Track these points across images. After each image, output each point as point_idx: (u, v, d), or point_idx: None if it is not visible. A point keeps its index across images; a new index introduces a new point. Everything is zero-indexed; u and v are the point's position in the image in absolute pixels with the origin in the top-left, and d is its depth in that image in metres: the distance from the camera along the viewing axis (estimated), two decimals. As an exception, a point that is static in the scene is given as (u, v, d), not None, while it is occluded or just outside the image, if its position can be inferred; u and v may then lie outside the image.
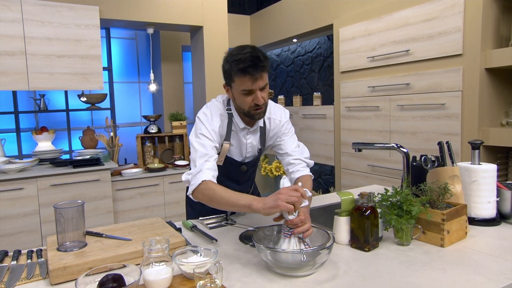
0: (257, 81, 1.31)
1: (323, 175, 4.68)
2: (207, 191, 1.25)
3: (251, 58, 1.28)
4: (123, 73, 4.43)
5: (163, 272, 0.96)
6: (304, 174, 1.48)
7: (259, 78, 1.31)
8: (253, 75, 1.29)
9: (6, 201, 2.79)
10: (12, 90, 2.99)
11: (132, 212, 3.35)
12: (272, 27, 4.64)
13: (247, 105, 1.37)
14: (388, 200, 1.25)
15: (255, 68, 1.28)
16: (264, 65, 1.30)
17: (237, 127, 1.48)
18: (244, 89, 1.33)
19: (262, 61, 1.29)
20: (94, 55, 3.20)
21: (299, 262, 1.02)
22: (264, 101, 1.37)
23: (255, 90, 1.33)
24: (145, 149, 3.73)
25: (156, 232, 1.31)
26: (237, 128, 1.49)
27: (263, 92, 1.36)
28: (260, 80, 1.31)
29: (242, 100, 1.37)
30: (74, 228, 1.16)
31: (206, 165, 1.31)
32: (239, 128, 1.48)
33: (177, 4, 3.58)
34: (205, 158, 1.33)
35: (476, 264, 1.08)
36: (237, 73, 1.31)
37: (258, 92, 1.33)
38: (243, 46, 1.34)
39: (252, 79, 1.30)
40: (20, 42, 2.93)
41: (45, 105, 3.62)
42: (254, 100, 1.35)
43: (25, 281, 1.05)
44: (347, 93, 3.45)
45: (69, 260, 1.07)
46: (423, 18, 2.71)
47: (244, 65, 1.28)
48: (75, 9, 3.10)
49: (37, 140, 3.46)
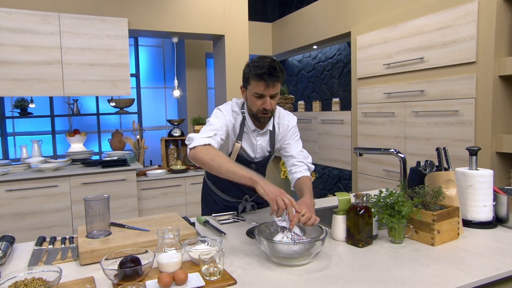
0: (269, 88, 1.47)
1: (343, 180, 4.74)
2: (212, 152, 1.35)
3: (269, 67, 1.44)
4: (150, 79, 4.68)
5: (174, 256, 1.11)
6: (305, 175, 1.62)
7: (271, 86, 1.47)
8: (266, 82, 1.45)
9: (43, 197, 3.06)
10: (49, 96, 3.27)
11: (155, 210, 3.56)
12: (293, 34, 4.77)
13: (256, 108, 1.53)
14: (382, 201, 1.34)
15: (269, 76, 1.44)
16: (279, 76, 1.46)
17: (248, 129, 1.64)
18: (257, 92, 1.49)
19: (278, 72, 1.45)
20: (122, 64, 3.45)
21: (293, 252, 1.14)
22: (272, 108, 1.53)
23: (266, 96, 1.49)
24: (169, 151, 3.94)
25: (172, 225, 1.46)
26: (249, 130, 1.64)
27: (273, 100, 1.52)
28: (272, 88, 1.47)
29: (252, 102, 1.53)
30: (100, 218, 1.33)
31: (215, 137, 1.44)
32: (250, 130, 1.64)
33: (200, 14, 3.78)
34: (215, 132, 1.47)
35: (460, 261, 1.16)
36: (254, 77, 1.47)
37: (268, 99, 1.50)
38: (265, 56, 1.51)
39: (265, 85, 1.46)
40: (57, 53, 3.21)
41: (78, 110, 3.90)
42: (263, 104, 1.51)
43: (60, 261, 1.23)
44: (363, 99, 3.52)
45: (96, 245, 1.24)
46: (437, 26, 2.76)
47: (261, 72, 1.44)
48: (106, 21, 3.35)
49: (70, 142, 3.74)
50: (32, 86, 3.15)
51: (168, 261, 1.09)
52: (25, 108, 3.67)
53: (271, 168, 5.38)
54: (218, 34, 3.91)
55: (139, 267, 1.03)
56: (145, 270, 1.06)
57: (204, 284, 1.02)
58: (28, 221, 3.02)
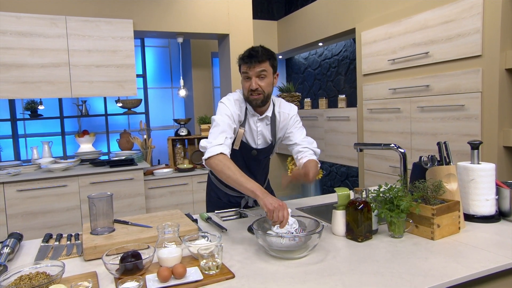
0: (253, 68, 1.56)
1: (350, 177, 4.73)
2: (222, 163, 1.44)
3: (250, 50, 1.59)
4: (157, 79, 4.73)
5: (174, 251, 1.13)
6: (310, 158, 1.65)
7: (254, 65, 1.56)
8: (247, 63, 1.57)
9: (52, 196, 3.12)
10: (58, 97, 3.33)
11: (162, 209, 3.60)
12: (298, 32, 4.76)
13: (246, 90, 1.62)
14: (381, 195, 1.35)
15: (249, 57, 1.57)
16: (258, 55, 1.56)
17: (249, 114, 1.69)
18: (242, 71, 1.60)
19: (258, 53, 1.57)
20: (128, 64, 3.49)
21: (289, 245, 1.16)
22: (260, 89, 1.59)
23: (252, 77, 1.57)
24: (176, 151, 3.98)
25: (174, 221, 1.49)
26: (249, 115, 1.70)
27: (261, 81, 1.59)
28: (256, 67, 1.56)
29: (243, 85, 1.63)
30: (104, 216, 1.37)
31: (226, 141, 1.52)
32: (250, 114, 1.70)
33: (204, 14, 3.81)
34: (225, 135, 1.53)
35: (459, 254, 1.16)
36: (239, 61, 1.63)
37: (253, 79, 1.58)
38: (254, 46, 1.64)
39: (247, 66, 1.57)
40: (64, 55, 3.27)
41: (87, 111, 3.97)
42: (250, 85, 1.59)
43: (65, 257, 1.27)
44: (369, 96, 3.51)
45: (99, 241, 1.27)
46: (442, 20, 2.74)
47: (243, 55, 1.61)
48: (111, 23, 3.40)
49: (79, 142, 3.81)
50: (41, 88, 3.21)
51: (168, 256, 1.12)
52: (35, 110, 3.74)
53: (278, 165, 5.38)
54: (223, 33, 3.93)
55: (139, 261, 1.06)
56: (146, 264, 1.09)
57: (202, 278, 1.04)
58: (38, 220, 3.09)
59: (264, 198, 1.28)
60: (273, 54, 1.63)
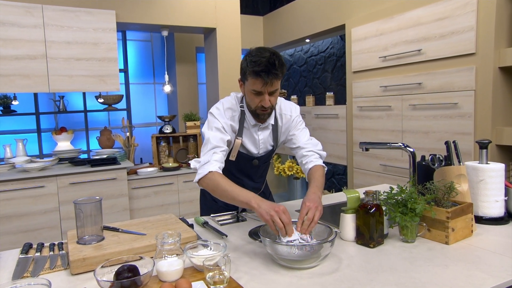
0: (267, 86, 1.37)
1: (336, 175, 4.69)
2: (213, 182, 1.33)
3: (267, 63, 1.32)
4: (139, 74, 4.54)
5: (175, 264, 1.02)
6: (317, 163, 1.54)
7: (269, 83, 1.36)
8: (264, 80, 1.34)
9: (28, 198, 2.92)
10: (34, 92, 3.11)
11: (147, 209, 3.44)
12: (285, 28, 4.67)
13: (254, 105, 1.45)
14: (393, 198, 1.27)
15: (267, 74, 1.33)
16: (277, 73, 1.35)
17: (249, 124, 1.55)
18: (254, 89, 1.40)
19: (276, 69, 1.34)
20: (110, 58, 3.31)
21: (300, 255, 1.06)
22: (271, 105, 1.44)
23: (264, 93, 1.40)
24: (160, 149, 3.82)
25: (169, 227, 1.37)
26: (249, 125, 1.55)
27: (272, 96, 1.43)
28: (270, 86, 1.37)
29: (251, 99, 1.45)
30: (92, 223, 1.23)
31: (214, 157, 1.39)
32: (250, 125, 1.55)
33: (190, 6, 3.66)
34: (214, 150, 1.40)
35: (479, 261, 1.10)
36: (251, 73, 1.37)
37: (267, 96, 1.40)
38: (264, 49, 1.39)
39: (263, 83, 1.36)
40: (41, 46, 3.05)
41: (64, 107, 3.75)
42: (262, 102, 1.42)
43: (48, 271, 1.12)
44: (359, 93, 3.46)
45: (88, 252, 1.14)
46: (435, 17, 2.71)
47: (258, 69, 1.33)
48: (92, 13, 3.21)
49: (56, 140, 3.59)
50: (15, 82, 2.99)
51: (169, 269, 1.00)
52: (8, 105, 3.50)
53: (264, 164, 5.29)
54: (210, 27, 3.79)
55: (137, 277, 0.94)
56: (144, 280, 0.96)
57: (209, 294, 0.93)
58: (13, 223, 2.88)
59: (259, 208, 1.17)
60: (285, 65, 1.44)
